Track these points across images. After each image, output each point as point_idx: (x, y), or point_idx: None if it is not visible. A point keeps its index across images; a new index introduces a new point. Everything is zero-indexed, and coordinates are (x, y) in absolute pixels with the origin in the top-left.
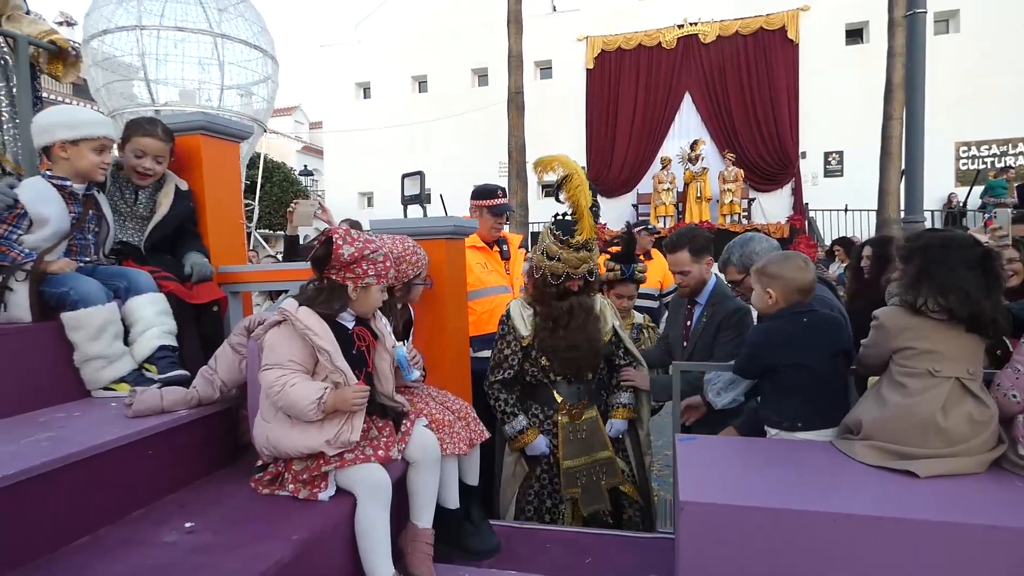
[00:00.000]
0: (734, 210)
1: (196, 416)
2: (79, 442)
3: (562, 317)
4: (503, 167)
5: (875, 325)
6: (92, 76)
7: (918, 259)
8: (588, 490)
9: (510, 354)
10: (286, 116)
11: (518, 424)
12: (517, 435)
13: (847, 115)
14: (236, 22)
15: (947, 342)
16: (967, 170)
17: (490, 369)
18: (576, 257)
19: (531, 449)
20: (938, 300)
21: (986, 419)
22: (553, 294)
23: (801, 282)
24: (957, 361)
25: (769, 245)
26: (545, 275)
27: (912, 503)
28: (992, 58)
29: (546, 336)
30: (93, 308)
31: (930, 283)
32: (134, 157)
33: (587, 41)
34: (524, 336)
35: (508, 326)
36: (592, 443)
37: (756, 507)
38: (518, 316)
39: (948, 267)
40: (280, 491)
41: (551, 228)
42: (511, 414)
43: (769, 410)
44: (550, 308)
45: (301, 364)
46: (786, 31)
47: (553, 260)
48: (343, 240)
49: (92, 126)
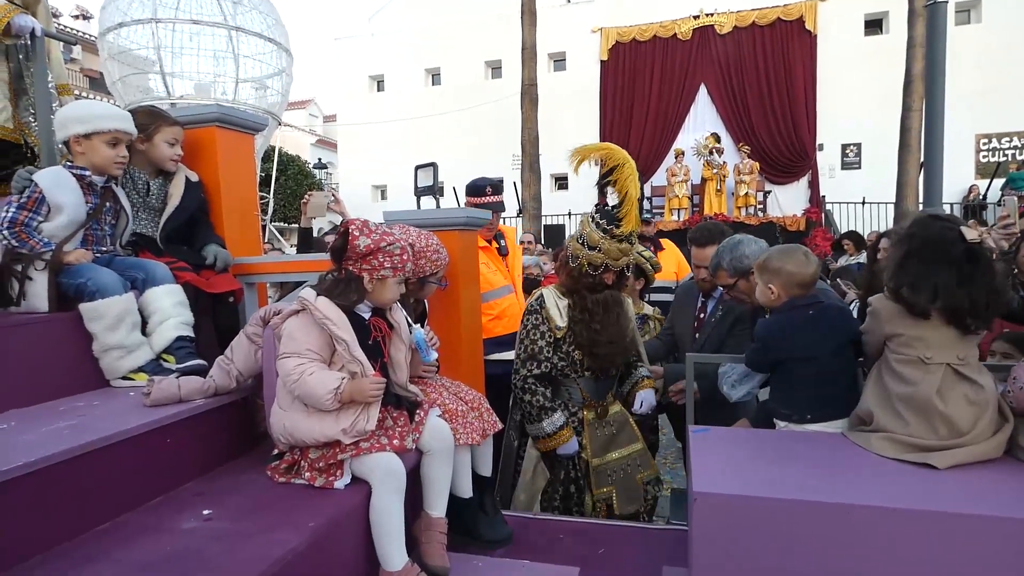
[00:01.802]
0: (749, 202)
1: (213, 405)
2: (99, 430)
3: (597, 310)
4: (516, 160)
5: (870, 311)
6: (108, 69)
7: (903, 248)
8: (624, 488)
9: (544, 346)
10: (300, 109)
11: (558, 420)
12: (554, 433)
13: (865, 107)
14: (251, 15)
15: (932, 330)
16: (988, 162)
17: (521, 362)
18: (618, 248)
19: (564, 449)
20: (911, 292)
21: (983, 399)
22: (588, 285)
23: (802, 276)
24: (944, 348)
25: (759, 247)
26: (582, 265)
27: (928, 494)
28: (1014, 49)
29: (582, 329)
30: (111, 299)
31: (905, 274)
32: (168, 146)
33: (601, 33)
34: (560, 327)
35: (542, 316)
36: (622, 438)
37: (770, 498)
38: (553, 306)
39: (922, 261)
40: (296, 479)
41: (594, 217)
42: (549, 409)
43: (778, 403)
44: (584, 300)
45: (319, 353)
46: (804, 22)
47: (593, 250)
48: (360, 231)
49: (103, 119)
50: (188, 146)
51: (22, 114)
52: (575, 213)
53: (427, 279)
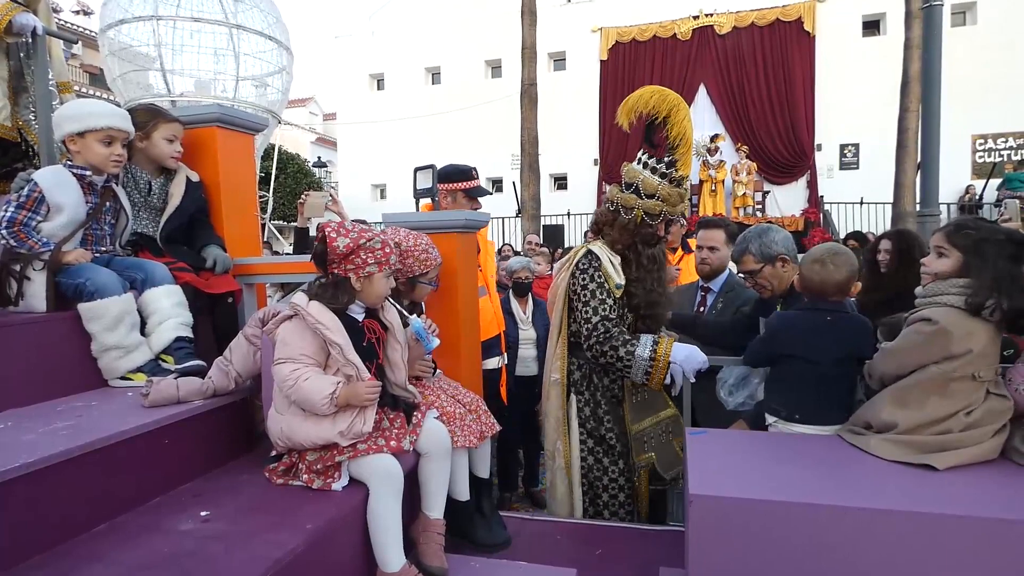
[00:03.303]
0: (747, 203)
1: (212, 406)
2: (97, 431)
3: (652, 267)
4: (516, 159)
5: (929, 331)
6: (108, 66)
7: (991, 256)
8: (662, 452)
9: (612, 305)
10: (300, 107)
11: (648, 342)
12: (654, 355)
13: (863, 107)
14: (251, 13)
15: (988, 344)
16: (984, 163)
17: (593, 327)
18: (677, 193)
19: (680, 355)
20: (1001, 297)
21: (1006, 408)
22: (645, 238)
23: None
24: (992, 364)
25: (785, 235)
26: (638, 216)
27: (924, 496)
28: (1009, 51)
29: (639, 288)
30: (109, 299)
31: (1009, 285)
32: (167, 143)
33: (601, 32)
34: (620, 286)
35: (602, 273)
36: (654, 403)
37: (766, 500)
38: (608, 263)
39: (1009, 262)
40: (294, 481)
41: (647, 163)
42: (629, 340)
43: (771, 398)
44: (640, 256)
45: (313, 358)
46: (802, 22)
47: (651, 199)
48: (336, 233)
49: (95, 117)
50: (188, 146)
51: (22, 112)
52: (574, 213)
53: (417, 279)
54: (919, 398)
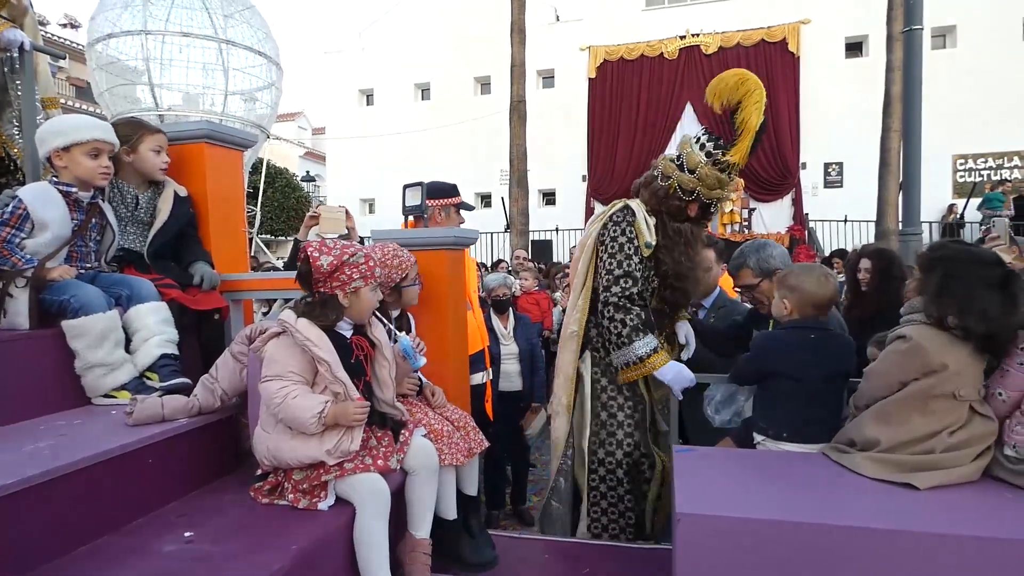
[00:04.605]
0: (734, 219)
1: (197, 425)
2: (80, 450)
3: (679, 239)
4: (504, 175)
5: (904, 349)
6: (96, 80)
7: (939, 271)
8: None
9: (638, 263)
10: (289, 121)
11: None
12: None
13: (847, 126)
14: (241, 28)
15: (966, 362)
16: (964, 182)
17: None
18: (715, 176)
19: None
20: (958, 317)
21: (990, 432)
22: (672, 210)
23: (818, 296)
24: (973, 384)
25: (783, 251)
26: (672, 186)
27: (908, 514)
28: (987, 73)
29: (667, 256)
30: (94, 316)
31: (950, 299)
32: (154, 154)
33: (589, 51)
34: (650, 245)
35: (635, 229)
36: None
37: (753, 519)
38: (643, 220)
39: (967, 283)
40: (280, 501)
41: (700, 138)
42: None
43: (759, 416)
44: (665, 225)
45: (301, 375)
46: (787, 43)
47: (690, 174)
48: (319, 252)
49: (81, 130)
50: (177, 161)
51: (5, 127)
52: (562, 229)
53: (401, 285)
54: (901, 416)
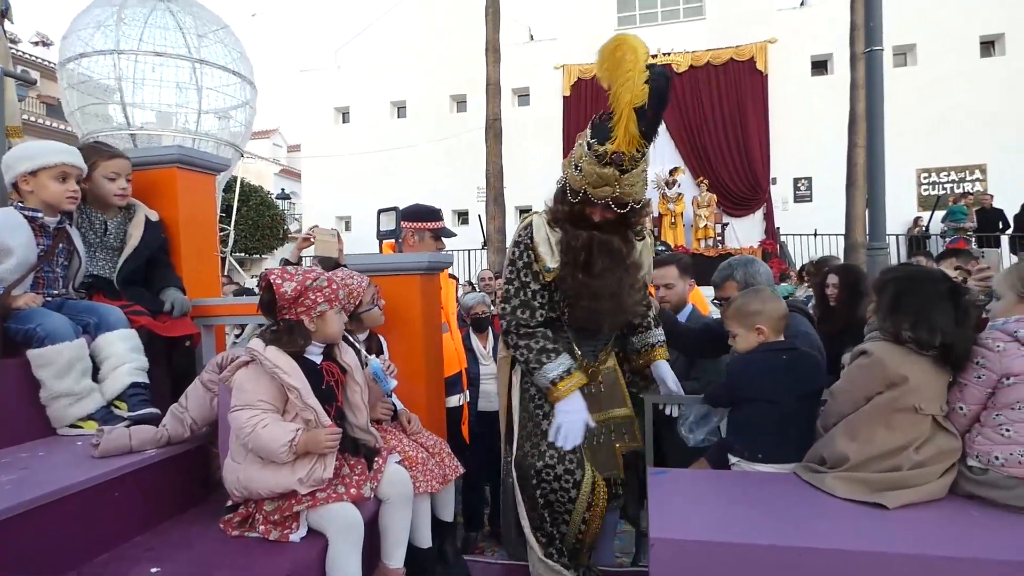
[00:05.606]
0: (708, 234)
1: (165, 455)
2: (43, 485)
3: (580, 252)
4: (481, 192)
5: (866, 363)
6: (67, 99)
7: (891, 289)
8: (599, 452)
9: (538, 289)
10: (264, 139)
11: (564, 362)
12: (559, 379)
13: (815, 142)
14: (215, 48)
15: (926, 376)
16: (929, 195)
17: (512, 309)
18: (597, 173)
19: (571, 406)
20: (911, 330)
21: (954, 448)
22: (568, 216)
23: (781, 310)
24: (935, 399)
25: (768, 271)
26: (564, 187)
27: (878, 536)
28: (948, 89)
29: (567, 275)
30: (61, 344)
31: (904, 314)
32: (108, 181)
33: (564, 69)
34: (551, 270)
35: (532, 253)
36: (610, 398)
37: (727, 543)
38: (544, 241)
39: (918, 299)
40: (250, 533)
41: (591, 125)
42: (551, 351)
43: (734, 438)
44: (567, 235)
45: (271, 403)
46: (755, 62)
47: (578, 170)
48: (281, 279)
49: (48, 154)
50: (148, 186)
51: None
52: None
53: (358, 312)
54: (867, 430)
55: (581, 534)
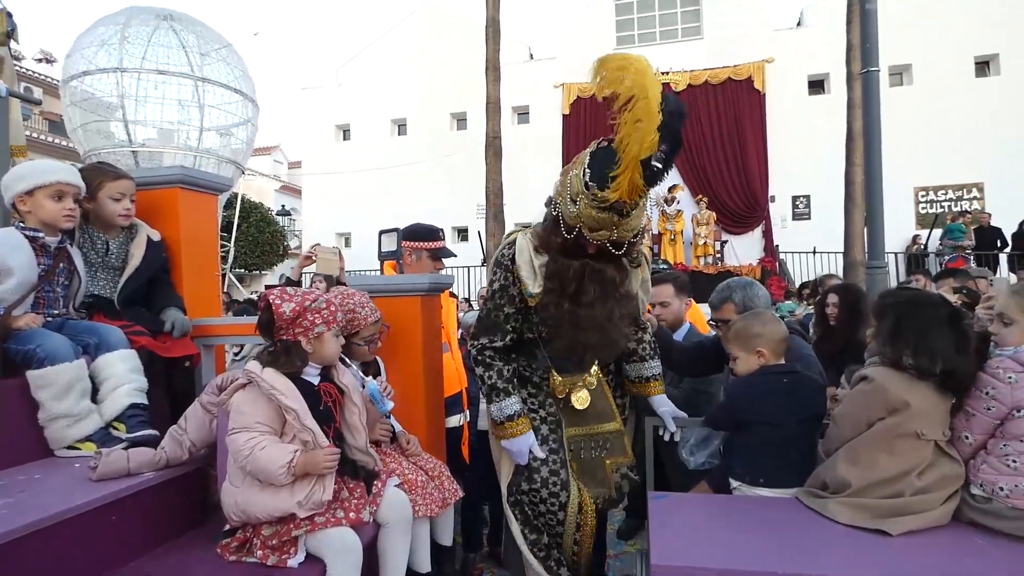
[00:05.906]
0: (707, 252)
1: (163, 478)
2: (39, 509)
3: (569, 283)
4: (481, 210)
5: (868, 389)
6: (69, 116)
7: (891, 315)
8: (586, 470)
9: (512, 313)
10: (265, 155)
11: (509, 406)
12: (505, 421)
13: (813, 160)
14: (217, 66)
15: (928, 401)
16: (927, 213)
17: (481, 329)
18: (595, 218)
19: (514, 445)
20: (912, 357)
21: (957, 474)
22: (559, 247)
23: (782, 332)
24: (937, 424)
25: (766, 294)
26: (559, 217)
27: (882, 563)
28: (943, 108)
29: (551, 302)
30: (60, 365)
31: (904, 340)
32: (113, 201)
33: (563, 88)
34: (534, 295)
35: (512, 275)
36: (596, 414)
37: (727, 570)
38: (527, 264)
39: (918, 325)
40: (248, 558)
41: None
42: (502, 391)
43: (735, 462)
44: (557, 264)
45: (269, 425)
46: (752, 81)
47: (574, 205)
48: (280, 299)
49: (43, 173)
50: (150, 206)
51: None
52: None
53: (350, 339)
54: (870, 456)
55: (575, 555)
